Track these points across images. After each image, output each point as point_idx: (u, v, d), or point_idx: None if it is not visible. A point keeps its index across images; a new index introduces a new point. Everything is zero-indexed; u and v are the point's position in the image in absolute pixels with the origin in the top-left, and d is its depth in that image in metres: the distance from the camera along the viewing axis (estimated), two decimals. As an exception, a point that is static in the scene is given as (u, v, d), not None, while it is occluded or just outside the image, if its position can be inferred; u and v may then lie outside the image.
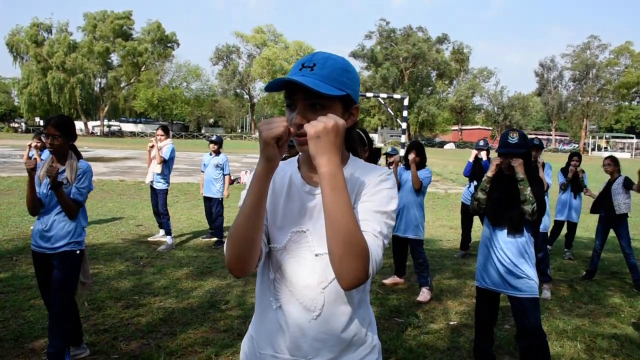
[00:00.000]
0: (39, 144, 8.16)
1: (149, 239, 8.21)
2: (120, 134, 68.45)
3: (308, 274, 1.47)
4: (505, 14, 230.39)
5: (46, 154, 8.28)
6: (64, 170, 3.63)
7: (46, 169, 3.65)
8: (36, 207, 3.67)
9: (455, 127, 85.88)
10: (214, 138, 8.48)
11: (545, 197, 5.16)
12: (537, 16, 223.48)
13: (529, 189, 3.52)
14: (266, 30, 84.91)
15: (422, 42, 79.28)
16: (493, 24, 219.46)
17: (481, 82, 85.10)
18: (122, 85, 75.87)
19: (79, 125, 70.86)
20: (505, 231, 3.62)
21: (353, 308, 1.50)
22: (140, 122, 79.83)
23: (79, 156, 3.82)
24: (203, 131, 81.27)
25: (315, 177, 1.50)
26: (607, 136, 78.23)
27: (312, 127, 1.30)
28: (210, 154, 8.42)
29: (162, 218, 7.90)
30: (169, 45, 77.07)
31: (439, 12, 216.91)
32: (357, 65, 79.12)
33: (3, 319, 4.71)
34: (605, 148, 74.06)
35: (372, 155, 3.97)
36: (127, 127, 75.76)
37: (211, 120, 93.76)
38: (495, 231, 3.68)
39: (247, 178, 13.56)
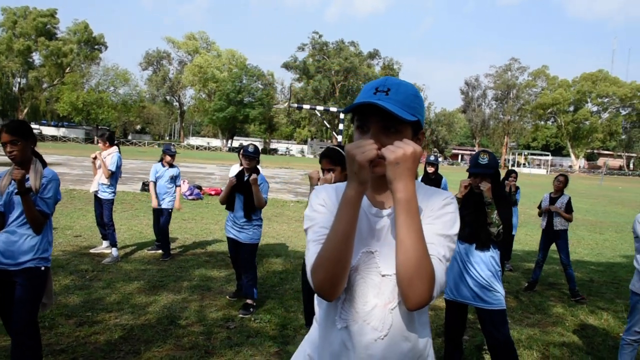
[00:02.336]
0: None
1: (91, 250, 7.85)
2: (41, 138, 65.30)
3: (375, 294, 1.49)
4: (434, 33, 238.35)
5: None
6: (28, 178, 3.37)
7: (8, 180, 3.40)
8: None
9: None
10: (173, 150, 8.21)
11: None
12: (464, 36, 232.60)
13: (495, 212, 3.67)
14: (198, 37, 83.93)
15: (354, 56, 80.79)
16: (422, 41, 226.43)
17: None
18: (44, 87, 72.57)
19: (-6, 127, 66.99)
20: (474, 246, 3.76)
21: (418, 328, 1.53)
22: (63, 126, 76.51)
23: (43, 163, 3.56)
24: (130, 137, 78.89)
25: (380, 198, 1.56)
26: (525, 153, 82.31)
27: (392, 153, 1.34)
28: (163, 165, 8.12)
29: (108, 229, 7.58)
30: (96, 47, 74.55)
31: (370, 28, 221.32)
32: (289, 76, 79.41)
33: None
34: (524, 164, 77.96)
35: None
36: (49, 130, 72.29)
37: (138, 127, 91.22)
38: (466, 247, 3.81)
39: (185, 187, 13.20)
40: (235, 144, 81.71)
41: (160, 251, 8.00)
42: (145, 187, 16.16)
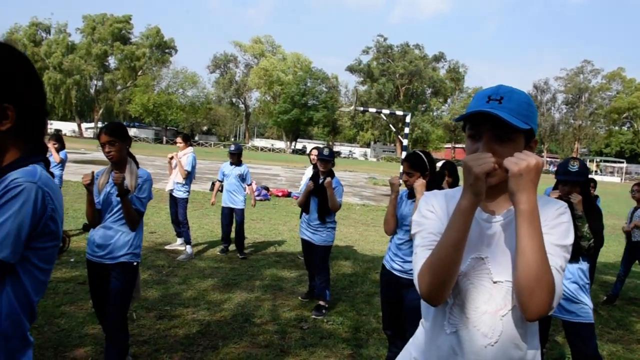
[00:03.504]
0: (56, 145, 8.09)
1: (167, 247, 8.12)
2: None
3: (486, 300, 1.49)
4: (501, 35, 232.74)
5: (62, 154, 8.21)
6: (124, 178, 3.56)
7: (106, 178, 3.59)
8: (96, 220, 3.59)
9: (449, 145, 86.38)
10: (232, 148, 8.37)
11: None
12: (532, 39, 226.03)
13: (586, 225, 3.53)
14: (264, 40, 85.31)
15: (419, 59, 79.97)
16: (489, 44, 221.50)
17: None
18: (118, 89, 75.73)
19: (71, 126, 70.56)
20: None
21: (528, 337, 1.51)
22: (134, 127, 79.63)
23: (137, 164, 3.74)
24: (197, 138, 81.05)
25: (491, 204, 1.57)
26: (597, 160, 78.99)
27: (516, 165, 1.36)
28: (231, 164, 8.27)
29: (182, 227, 7.82)
30: (167, 51, 77.18)
31: (436, 31, 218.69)
32: (353, 79, 79.41)
33: (37, 325, 4.61)
34: (596, 172, 74.77)
35: (435, 180, 3.94)
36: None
37: (205, 128, 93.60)
38: None
39: (254, 187, 13.35)
40: (299, 146, 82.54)
41: (227, 253, 8.15)
42: (214, 186, 16.56)
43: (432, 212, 1.60)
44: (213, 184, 16.64)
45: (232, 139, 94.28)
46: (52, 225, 1.42)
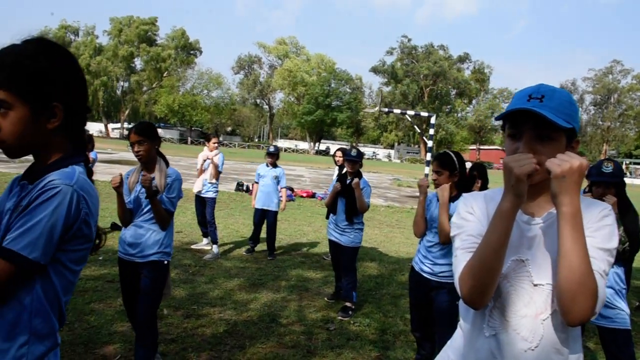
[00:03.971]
0: (88, 145, 8.19)
1: (193, 247, 8.17)
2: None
3: (526, 303, 1.46)
4: (527, 35, 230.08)
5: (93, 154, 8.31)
6: (153, 178, 3.58)
7: (136, 178, 3.62)
8: (127, 219, 3.63)
9: (473, 147, 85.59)
10: (272, 149, 8.37)
11: None
12: (559, 39, 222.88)
13: (621, 228, 3.45)
14: (288, 42, 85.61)
15: (443, 60, 79.47)
16: (516, 44, 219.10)
17: (501, 103, 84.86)
18: (143, 90, 76.70)
19: (98, 127, 71.63)
20: None
21: (570, 342, 1.48)
22: (159, 127, 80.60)
23: (167, 163, 3.76)
24: (221, 139, 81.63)
25: (532, 206, 1.53)
26: (627, 162, 77.47)
27: (558, 167, 1.33)
28: (267, 165, 8.27)
29: (210, 227, 7.86)
30: (192, 52, 77.95)
31: (460, 31, 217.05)
32: (377, 80, 79.22)
33: (68, 322, 4.67)
34: (625, 174, 73.27)
35: (465, 182, 3.89)
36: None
37: (229, 129, 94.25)
38: None
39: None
40: (322, 147, 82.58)
41: (253, 253, 8.17)
42: (239, 187, 16.68)
43: (471, 214, 1.58)
44: (238, 184, 16.78)
45: (256, 140, 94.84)
46: (85, 229, 1.42)
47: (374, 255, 8.80)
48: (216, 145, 8.08)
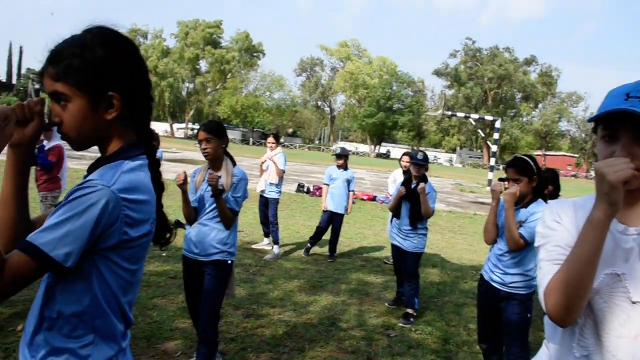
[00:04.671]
0: (154, 143, 8.38)
1: (253, 246, 8.22)
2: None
3: (622, 322, 1.32)
4: (598, 36, 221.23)
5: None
6: (219, 176, 3.58)
7: (203, 176, 3.63)
8: (192, 217, 3.65)
9: (539, 152, 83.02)
10: (339, 151, 8.28)
11: None
12: (632, 39, 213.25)
13: None
14: (351, 44, 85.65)
15: (509, 62, 77.60)
16: (586, 46, 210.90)
17: (569, 107, 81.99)
18: (208, 91, 78.53)
19: (164, 127, 73.83)
20: None
21: None
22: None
23: (233, 162, 3.76)
24: (282, 140, 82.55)
25: (628, 214, 1.39)
26: None
27: None
28: (338, 168, 8.16)
29: (272, 227, 7.88)
30: (255, 54, 79.14)
31: (526, 33, 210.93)
32: (439, 83, 78.24)
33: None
34: None
35: (542, 184, 3.69)
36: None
37: (290, 130, 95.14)
38: None
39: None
40: (383, 150, 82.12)
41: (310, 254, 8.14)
42: (300, 188, 16.76)
43: (558, 223, 1.44)
44: (299, 185, 16.87)
45: (317, 142, 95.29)
46: (132, 232, 1.33)
47: (436, 261, 8.59)
48: (274, 144, 8.07)
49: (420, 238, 5.58)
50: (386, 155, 79.06)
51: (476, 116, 22.39)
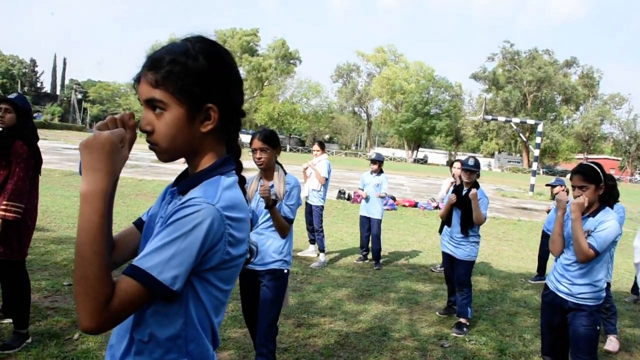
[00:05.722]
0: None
1: (299, 254, 8.20)
2: (240, 144, 71.58)
3: None
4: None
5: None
6: (272, 185, 3.55)
7: (256, 186, 3.61)
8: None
9: (580, 156, 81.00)
10: (374, 157, 8.29)
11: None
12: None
13: None
14: (387, 49, 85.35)
15: (548, 65, 76.20)
16: (627, 45, 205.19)
17: (612, 109, 79.86)
18: (245, 98, 78.93)
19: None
20: None
21: None
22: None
23: (285, 171, 3.73)
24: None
25: None
26: None
27: None
28: (372, 173, 8.20)
29: (318, 235, 7.86)
30: (291, 61, 79.62)
31: (566, 35, 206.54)
32: (477, 87, 77.32)
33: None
34: None
35: (609, 191, 3.56)
36: (246, 138, 78.89)
37: (327, 136, 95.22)
38: None
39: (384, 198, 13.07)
40: (420, 155, 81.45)
41: (366, 261, 8.10)
42: (341, 194, 16.71)
43: None
44: (340, 192, 16.83)
45: (354, 148, 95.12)
46: (233, 251, 1.28)
47: (484, 269, 8.42)
48: (320, 151, 8.10)
49: (472, 246, 5.47)
50: (424, 161, 78.35)
51: (517, 120, 21.95)
